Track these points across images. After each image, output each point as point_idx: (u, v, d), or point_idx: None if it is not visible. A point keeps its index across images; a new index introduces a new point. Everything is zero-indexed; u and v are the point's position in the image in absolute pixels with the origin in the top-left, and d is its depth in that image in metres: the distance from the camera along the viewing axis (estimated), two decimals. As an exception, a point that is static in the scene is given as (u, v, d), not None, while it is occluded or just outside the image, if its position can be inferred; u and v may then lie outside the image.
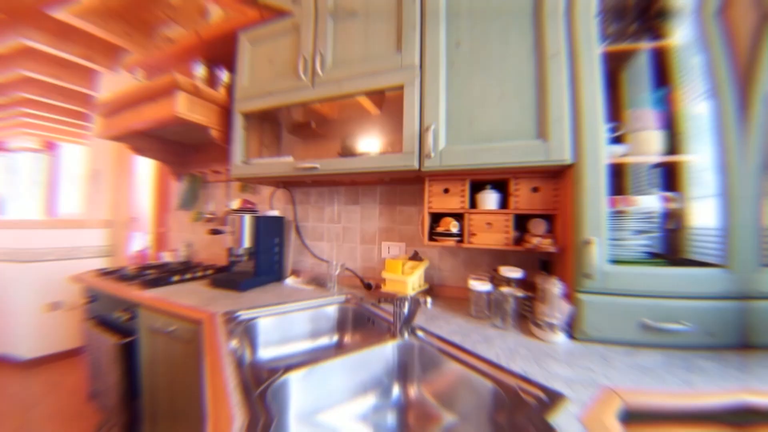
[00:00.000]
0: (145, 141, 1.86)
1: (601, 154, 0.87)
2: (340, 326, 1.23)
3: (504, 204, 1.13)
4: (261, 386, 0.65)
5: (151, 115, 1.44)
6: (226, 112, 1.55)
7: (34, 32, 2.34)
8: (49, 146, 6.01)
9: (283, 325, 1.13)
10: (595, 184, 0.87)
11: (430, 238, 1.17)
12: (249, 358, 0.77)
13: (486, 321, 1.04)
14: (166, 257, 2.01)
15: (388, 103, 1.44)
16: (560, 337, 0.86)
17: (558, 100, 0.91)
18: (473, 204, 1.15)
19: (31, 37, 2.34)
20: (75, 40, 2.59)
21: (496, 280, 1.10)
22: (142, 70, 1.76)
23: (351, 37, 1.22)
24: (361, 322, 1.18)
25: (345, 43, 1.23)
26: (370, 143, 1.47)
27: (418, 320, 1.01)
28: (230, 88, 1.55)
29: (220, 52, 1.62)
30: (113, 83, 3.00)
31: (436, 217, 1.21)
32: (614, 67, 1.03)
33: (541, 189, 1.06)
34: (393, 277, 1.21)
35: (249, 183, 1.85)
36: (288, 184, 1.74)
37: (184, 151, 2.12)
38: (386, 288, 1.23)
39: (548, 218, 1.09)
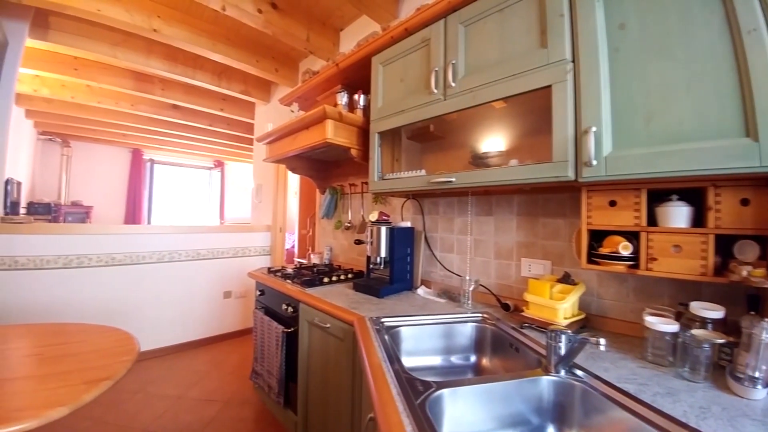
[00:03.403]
0: (298, 161, 2.29)
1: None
2: (478, 347, 1.22)
3: (698, 220, 0.89)
4: (419, 397, 0.70)
5: (306, 141, 1.75)
6: (362, 132, 1.75)
7: (200, 74, 3.16)
8: (219, 164, 8.01)
9: (422, 335, 1.20)
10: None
11: (590, 260, 1.03)
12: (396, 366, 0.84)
13: (668, 369, 0.86)
14: (314, 259, 2.40)
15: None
16: (763, 393, 0.70)
17: (766, 85, 0.68)
18: (651, 220, 0.95)
19: (200, 79, 3.18)
20: (235, 79, 3.38)
21: (686, 319, 0.89)
22: (296, 102, 2.15)
23: (484, 40, 1.19)
24: (501, 347, 1.14)
25: (478, 48, 1.21)
26: (495, 143, 1.41)
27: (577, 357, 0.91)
28: (366, 110, 1.73)
29: (356, 78, 1.84)
30: (265, 112, 3.78)
31: (597, 235, 1.05)
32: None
33: (754, 201, 0.80)
34: (539, 300, 1.12)
35: (383, 196, 2.03)
36: (417, 195, 1.82)
37: (326, 167, 2.50)
38: (529, 312, 1.16)
39: (763, 240, 0.82)
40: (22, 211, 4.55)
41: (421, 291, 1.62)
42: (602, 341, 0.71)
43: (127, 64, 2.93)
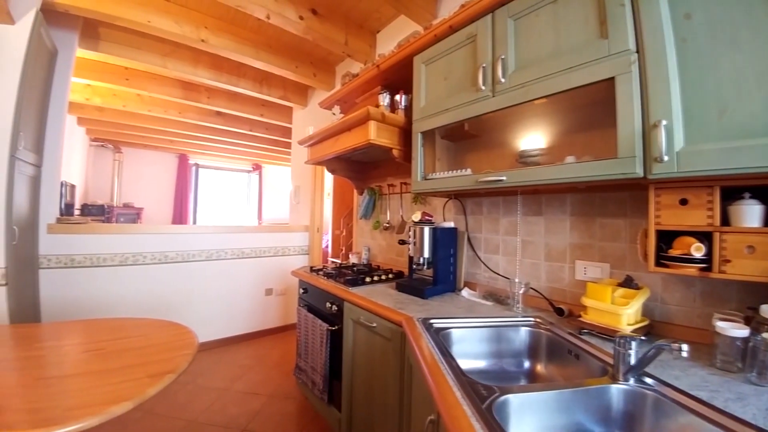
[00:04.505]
0: (338, 163, 2.35)
1: None
2: (532, 352, 1.18)
3: (769, 220, 0.84)
4: (484, 401, 0.69)
5: (348, 143, 1.78)
6: (404, 132, 1.76)
7: (243, 81, 3.31)
8: (257, 167, 8.38)
9: (472, 338, 1.19)
10: None
11: (658, 263, 0.97)
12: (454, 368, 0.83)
13: (736, 374, 0.83)
14: (353, 259, 2.44)
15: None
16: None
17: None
18: (724, 219, 0.89)
19: (243, 87, 3.31)
20: (275, 85, 3.50)
21: (755, 323, 0.85)
22: (337, 105, 2.20)
23: (536, 33, 1.15)
24: (557, 353, 1.10)
25: (529, 42, 1.17)
26: (541, 140, 1.40)
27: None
28: (407, 110, 1.74)
29: (396, 78, 1.86)
30: (302, 116, 3.90)
31: (663, 236, 0.99)
32: None
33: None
34: (599, 305, 1.07)
35: (424, 196, 2.03)
36: (460, 195, 1.80)
37: (364, 168, 2.53)
38: (588, 317, 1.11)
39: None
40: (76, 212, 4.98)
41: (465, 293, 1.60)
42: (685, 347, 0.67)
43: (176, 73, 3.13)
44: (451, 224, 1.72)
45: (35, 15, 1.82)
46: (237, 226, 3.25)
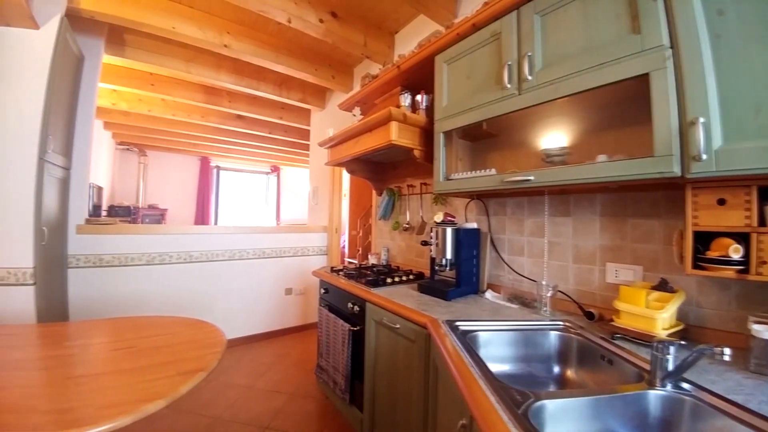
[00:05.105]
0: (357, 164, 2.37)
1: None
2: (561, 357, 1.16)
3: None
4: (519, 406, 0.69)
5: (369, 144, 1.80)
6: (425, 133, 1.76)
7: (264, 85, 3.38)
8: (275, 169, 8.55)
9: (500, 342, 1.18)
10: None
11: (695, 265, 0.94)
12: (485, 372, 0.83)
13: None
14: (372, 259, 2.46)
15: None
16: None
17: None
18: (762, 220, 0.87)
19: (264, 90, 3.39)
20: (294, 88, 3.57)
21: None
22: (356, 106, 2.22)
23: (565, 29, 1.13)
24: (589, 358, 1.08)
25: (557, 38, 1.15)
26: (567, 139, 1.39)
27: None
28: (429, 110, 1.74)
29: (416, 78, 1.86)
30: (320, 118, 3.95)
31: (699, 237, 0.96)
32: None
33: None
34: (633, 309, 1.04)
35: (445, 197, 2.03)
36: (482, 195, 1.79)
37: (383, 169, 2.55)
38: (620, 322, 1.08)
39: None
40: (103, 213, 5.21)
41: (489, 295, 1.59)
42: (727, 351, 0.65)
43: (199, 78, 3.23)
44: (474, 225, 1.71)
45: (60, 20, 1.86)
46: (258, 226, 3.34)
